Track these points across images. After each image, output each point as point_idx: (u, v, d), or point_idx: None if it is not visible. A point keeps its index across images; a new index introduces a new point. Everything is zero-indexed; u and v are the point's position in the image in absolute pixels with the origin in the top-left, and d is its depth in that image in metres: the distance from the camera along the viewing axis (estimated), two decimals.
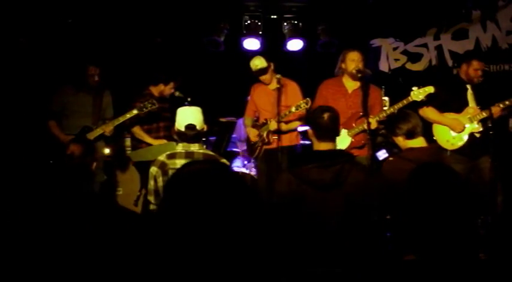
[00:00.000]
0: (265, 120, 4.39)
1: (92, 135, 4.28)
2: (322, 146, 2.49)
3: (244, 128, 4.79)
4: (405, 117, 3.07)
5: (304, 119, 4.17)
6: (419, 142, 3.02)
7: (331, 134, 2.52)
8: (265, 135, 4.36)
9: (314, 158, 2.42)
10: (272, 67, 4.35)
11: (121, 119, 4.27)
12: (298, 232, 2.32)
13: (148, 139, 4.46)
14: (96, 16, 5.02)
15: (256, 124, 4.55)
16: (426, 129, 3.48)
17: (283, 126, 4.22)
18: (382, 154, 3.97)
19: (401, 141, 3.06)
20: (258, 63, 4.28)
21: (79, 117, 4.36)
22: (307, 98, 4.01)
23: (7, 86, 4.54)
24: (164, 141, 4.40)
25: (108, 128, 4.27)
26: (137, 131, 4.52)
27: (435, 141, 4.09)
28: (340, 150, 2.68)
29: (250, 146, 4.58)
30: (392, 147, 4.20)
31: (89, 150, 4.35)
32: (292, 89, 4.36)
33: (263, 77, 4.35)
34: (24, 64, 4.69)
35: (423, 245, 2.24)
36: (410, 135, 3.01)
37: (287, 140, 4.35)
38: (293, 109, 4.04)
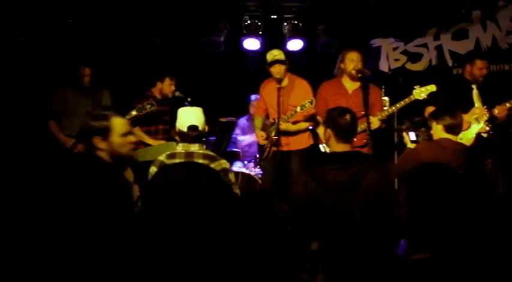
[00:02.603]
0: (273, 120, 4.15)
1: None
2: (340, 147, 2.47)
3: (254, 129, 4.60)
4: (454, 113, 3.32)
5: (325, 120, 4.05)
6: (453, 137, 3.33)
7: (351, 135, 2.51)
8: (273, 135, 4.14)
9: (331, 160, 2.41)
10: (287, 65, 4.16)
11: None
12: (315, 233, 2.30)
13: (148, 140, 4.45)
14: (96, 16, 5.01)
15: (266, 124, 4.37)
16: None
17: (292, 127, 4.11)
18: (412, 136, 4.06)
19: (439, 130, 3.31)
20: (277, 53, 4.10)
21: (78, 117, 4.34)
22: (312, 98, 3.89)
23: (7, 85, 4.52)
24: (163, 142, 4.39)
25: None
26: (137, 131, 4.50)
27: None
28: (357, 152, 2.66)
29: (260, 147, 4.41)
30: (417, 135, 4.21)
31: None
32: (302, 87, 4.19)
33: (278, 69, 4.07)
34: (25, 63, 4.68)
35: (429, 243, 2.24)
36: (449, 129, 3.29)
37: (298, 142, 4.22)
38: (298, 109, 3.89)
